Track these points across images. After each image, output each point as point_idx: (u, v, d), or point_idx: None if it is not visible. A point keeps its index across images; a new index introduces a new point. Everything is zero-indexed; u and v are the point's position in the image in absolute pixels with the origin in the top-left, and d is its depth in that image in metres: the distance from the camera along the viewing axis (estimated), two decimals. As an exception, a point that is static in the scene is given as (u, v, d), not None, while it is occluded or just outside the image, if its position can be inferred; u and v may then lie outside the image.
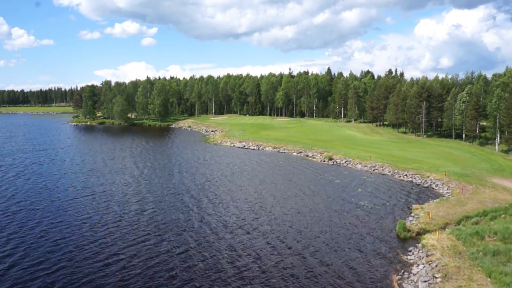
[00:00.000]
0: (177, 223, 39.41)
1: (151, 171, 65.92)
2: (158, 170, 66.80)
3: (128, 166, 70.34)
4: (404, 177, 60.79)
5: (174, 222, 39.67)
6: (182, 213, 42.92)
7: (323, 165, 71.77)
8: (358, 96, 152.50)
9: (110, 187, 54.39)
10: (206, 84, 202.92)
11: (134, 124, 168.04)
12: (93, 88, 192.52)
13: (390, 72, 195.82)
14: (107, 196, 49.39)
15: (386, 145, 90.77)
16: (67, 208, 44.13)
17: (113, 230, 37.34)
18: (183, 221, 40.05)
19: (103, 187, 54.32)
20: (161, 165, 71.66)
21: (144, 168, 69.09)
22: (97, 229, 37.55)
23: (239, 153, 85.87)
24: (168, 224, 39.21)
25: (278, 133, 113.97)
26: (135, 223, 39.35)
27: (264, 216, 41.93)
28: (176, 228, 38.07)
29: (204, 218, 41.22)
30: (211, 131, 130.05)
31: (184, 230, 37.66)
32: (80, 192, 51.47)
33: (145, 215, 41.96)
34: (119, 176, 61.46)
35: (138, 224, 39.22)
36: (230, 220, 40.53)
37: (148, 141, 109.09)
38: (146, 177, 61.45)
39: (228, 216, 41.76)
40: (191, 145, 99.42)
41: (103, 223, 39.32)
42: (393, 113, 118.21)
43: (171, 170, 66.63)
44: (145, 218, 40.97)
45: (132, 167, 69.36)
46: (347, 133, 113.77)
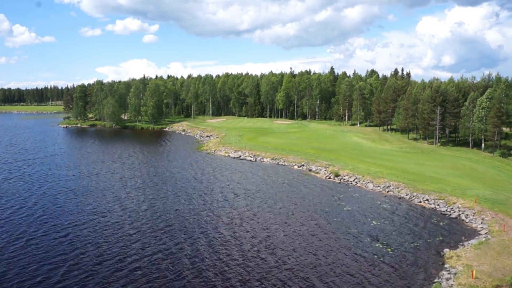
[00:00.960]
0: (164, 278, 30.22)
1: (135, 195, 56.64)
2: (142, 194, 57.51)
3: (108, 186, 61.11)
4: (425, 202, 51.45)
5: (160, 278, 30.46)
6: (171, 263, 33.71)
7: (329, 184, 62.43)
8: (364, 98, 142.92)
9: (79, 218, 45.20)
10: (204, 84, 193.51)
11: (126, 127, 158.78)
12: (84, 88, 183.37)
13: (396, 72, 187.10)
14: (77, 237, 40.23)
15: (398, 156, 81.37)
16: (30, 244, 35.00)
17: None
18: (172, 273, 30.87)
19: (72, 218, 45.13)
20: (148, 186, 62.31)
21: (129, 190, 59.77)
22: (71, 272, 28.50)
23: (234, 166, 76.59)
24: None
25: (278, 139, 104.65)
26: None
27: (257, 262, 32.70)
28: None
29: (199, 267, 32.01)
30: (206, 136, 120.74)
31: None
32: (48, 222, 42.31)
33: (125, 265, 32.79)
34: (93, 204, 52.24)
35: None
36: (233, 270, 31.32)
37: (137, 150, 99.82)
38: (130, 203, 52.21)
39: (229, 265, 32.55)
40: (182, 155, 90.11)
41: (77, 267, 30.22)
42: (403, 118, 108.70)
43: (156, 195, 57.14)
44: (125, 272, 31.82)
45: (113, 189, 60.11)
46: (353, 140, 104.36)
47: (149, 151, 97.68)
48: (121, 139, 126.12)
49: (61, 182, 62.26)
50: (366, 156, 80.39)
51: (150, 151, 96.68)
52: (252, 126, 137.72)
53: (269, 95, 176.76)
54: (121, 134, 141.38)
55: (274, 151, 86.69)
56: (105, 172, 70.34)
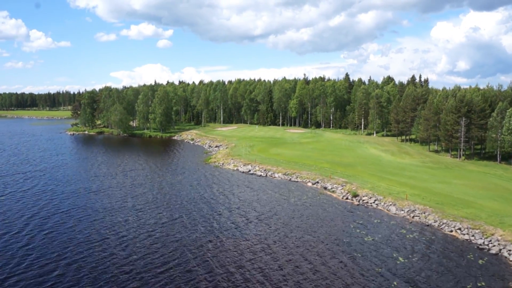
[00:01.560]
0: None
1: (134, 219, 51.75)
2: (142, 218, 52.63)
3: (106, 207, 56.39)
4: (457, 232, 45.47)
5: None
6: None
7: (346, 205, 56.75)
8: (381, 106, 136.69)
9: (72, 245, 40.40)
10: (215, 90, 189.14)
11: (134, 134, 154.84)
12: (92, 94, 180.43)
13: (413, 78, 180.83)
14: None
15: (421, 172, 75.20)
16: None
17: None
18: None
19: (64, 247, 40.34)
20: (149, 207, 57.42)
21: (128, 213, 54.90)
22: None
23: (243, 182, 71.36)
24: None
25: (290, 151, 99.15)
26: None
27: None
28: None
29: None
30: (215, 147, 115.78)
31: None
32: (31, 255, 37.56)
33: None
34: (86, 232, 47.48)
35: None
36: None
37: (142, 162, 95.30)
38: (127, 231, 47.31)
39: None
40: (189, 169, 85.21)
41: None
42: (424, 129, 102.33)
43: (157, 219, 52.18)
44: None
45: (111, 211, 55.37)
46: (371, 152, 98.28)
47: (155, 163, 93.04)
48: (128, 148, 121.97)
49: (55, 201, 57.69)
50: (386, 172, 74.42)
51: (155, 164, 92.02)
52: (264, 136, 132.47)
53: (281, 103, 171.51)
54: (128, 143, 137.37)
55: (286, 165, 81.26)
56: (105, 189, 65.63)
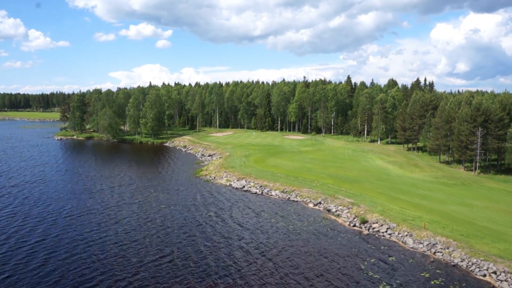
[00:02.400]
0: None
1: (105, 256, 43.49)
2: (114, 256, 44.37)
3: (74, 239, 48.06)
4: (492, 276, 37.24)
5: None
6: None
7: (354, 236, 48.48)
8: (386, 112, 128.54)
9: None
10: (210, 93, 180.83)
11: (124, 140, 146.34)
12: (82, 97, 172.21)
13: (418, 82, 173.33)
14: None
15: (436, 190, 66.99)
16: None
17: None
18: None
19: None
20: (127, 239, 49.17)
21: (101, 247, 46.60)
22: None
23: (236, 202, 63.08)
24: None
25: (289, 162, 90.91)
26: None
27: None
28: None
29: None
30: (207, 156, 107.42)
31: None
32: None
33: None
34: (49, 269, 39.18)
35: None
36: None
37: (128, 174, 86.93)
38: (94, 277, 39.03)
39: None
40: (177, 183, 76.92)
41: None
42: (434, 139, 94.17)
43: (141, 256, 44.07)
44: None
45: (78, 248, 47.05)
46: (377, 164, 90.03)
47: (141, 175, 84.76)
48: (116, 157, 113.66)
49: (25, 228, 49.15)
50: (396, 189, 66.21)
51: (142, 176, 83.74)
52: (261, 143, 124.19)
53: (280, 107, 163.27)
54: (118, 150, 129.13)
55: (285, 180, 73.03)
56: (79, 213, 56.94)
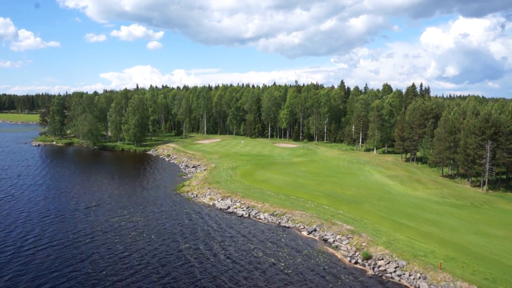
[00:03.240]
0: None
1: None
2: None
3: (28, 276, 39.63)
4: None
5: None
6: None
7: (356, 276, 40.57)
8: (382, 120, 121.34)
9: None
10: (198, 97, 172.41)
11: (105, 147, 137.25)
12: (62, 100, 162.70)
13: (413, 87, 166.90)
14: None
15: (445, 213, 59.42)
16: None
17: None
18: None
19: None
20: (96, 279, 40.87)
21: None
22: None
23: (217, 227, 54.95)
24: None
25: (280, 175, 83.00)
26: None
27: None
28: None
29: None
30: (192, 167, 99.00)
31: None
32: None
33: None
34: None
35: None
36: None
37: (103, 189, 78.51)
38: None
39: None
40: (154, 201, 68.60)
41: None
42: (437, 152, 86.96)
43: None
44: None
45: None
46: (375, 179, 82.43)
47: (119, 191, 76.24)
48: (94, 167, 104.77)
49: None
50: (401, 212, 58.58)
51: (120, 193, 75.21)
52: (250, 152, 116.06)
53: (271, 112, 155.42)
54: (98, 158, 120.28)
55: (275, 199, 65.08)
56: (46, 243, 48.35)
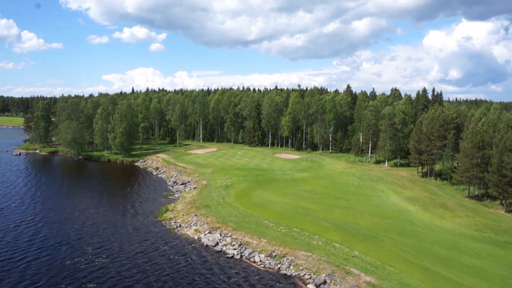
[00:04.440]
0: None
1: None
2: None
3: None
4: None
5: None
6: None
7: None
8: (395, 129, 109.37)
9: None
10: (193, 102, 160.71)
11: (90, 157, 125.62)
12: (48, 105, 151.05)
13: (425, 91, 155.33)
14: None
15: (486, 256, 47.48)
16: None
17: None
18: None
19: None
20: None
21: None
22: None
23: (198, 277, 43.16)
24: None
25: (281, 197, 71.16)
26: None
27: None
28: None
29: None
30: (180, 184, 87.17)
31: None
32: None
33: None
34: None
35: None
36: None
37: (85, 212, 67.02)
38: None
39: None
40: (133, 232, 56.98)
41: None
42: (463, 169, 74.94)
43: None
44: None
45: None
46: (392, 202, 70.38)
47: (90, 219, 64.68)
48: (73, 182, 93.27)
49: None
50: (431, 254, 46.64)
51: (90, 221, 63.68)
52: (247, 165, 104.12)
53: (271, 119, 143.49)
54: (79, 171, 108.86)
55: (274, 233, 53.22)
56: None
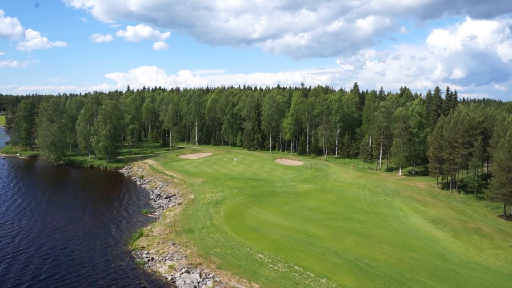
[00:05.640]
0: None
1: None
2: None
3: None
4: None
5: None
6: None
7: None
8: (411, 134, 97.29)
9: None
10: (188, 102, 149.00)
11: (72, 162, 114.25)
12: (31, 105, 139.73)
13: (438, 90, 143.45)
14: None
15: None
16: None
17: None
18: None
19: None
20: None
21: None
22: None
23: None
24: None
25: (280, 218, 59.44)
26: None
27: None
28: None
29: None
30: (164, 197, 75.52)
31: None
32: None
33: None
34: None
35: None
36: None
37: (42, 236, 55.63)
38: None
39: None
40: (87, 273, 45.49)
41: None
42: (497, 184, 62.83)
43: None
44: None
45: None
46: (415, 226, 58.32)
47: (61, 244, 53.32)
48: (47, 192, 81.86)
49: None
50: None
51: (60, 251, 52.32)
52: (243, 174, 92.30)
53: (272, 121, 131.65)
54: (56, 178, 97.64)
55: (269, 273, 41.47)
56: None
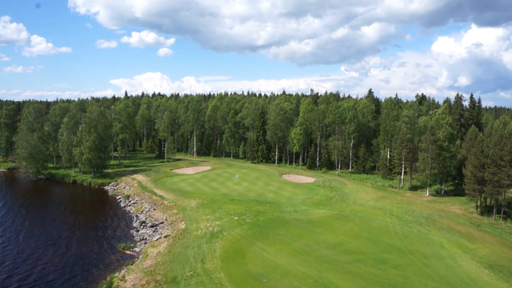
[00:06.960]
0: None
1: None
2: None
3: None
4: None
5: None
6: None
7: None
8: (440, 148, 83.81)
9: None
10: (186, 109, 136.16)
11: (53, 177, 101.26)
12: (12, 111, 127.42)
13: (459, 97, 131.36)
14: None
15: None
16: None
17: None
18: None
19: None
20: None
21: None
22: None
23: None
24: None
25: (293, 261, 46.09)
26: None
27: None
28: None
29: None
30: (150, 226, 62.11)
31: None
32: None
33: None
34: None
35: None
36: None
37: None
38: None
39: None
40: None
41: None
42: None
43: None
44: None
45: None
46: (466, 273, 44.64)
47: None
48: (14, 213, 69.22)
49: None
50: None
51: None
52: (246, 195, 78.87)
53: (279, 130, 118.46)
54: (31, 196, 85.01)
55: None
56: None
